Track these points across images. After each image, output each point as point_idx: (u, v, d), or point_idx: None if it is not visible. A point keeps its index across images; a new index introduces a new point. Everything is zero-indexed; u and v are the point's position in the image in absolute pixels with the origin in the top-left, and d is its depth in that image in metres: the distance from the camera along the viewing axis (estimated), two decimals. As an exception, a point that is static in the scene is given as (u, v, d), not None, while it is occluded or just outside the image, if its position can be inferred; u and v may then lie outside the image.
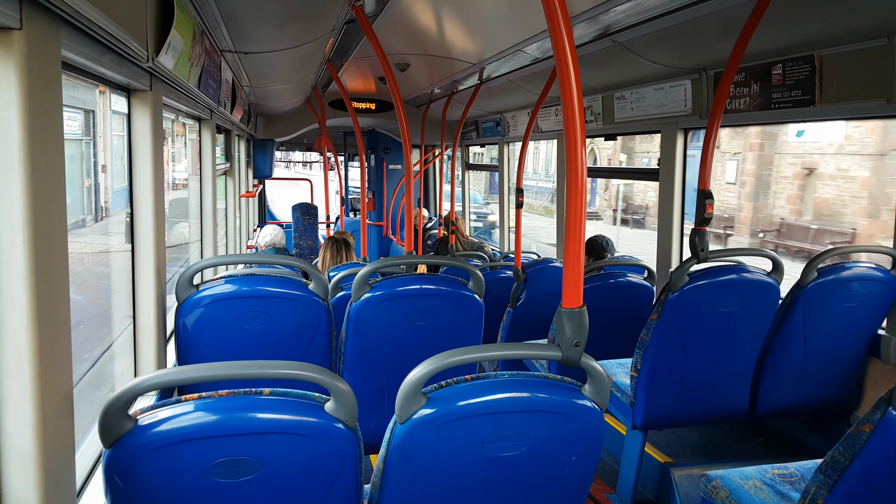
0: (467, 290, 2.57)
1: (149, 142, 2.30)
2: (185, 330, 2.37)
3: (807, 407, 2.95)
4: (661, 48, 3.51)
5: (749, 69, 3.25)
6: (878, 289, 2.73)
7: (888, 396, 1.42)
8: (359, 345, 2.54)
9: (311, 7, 3.03)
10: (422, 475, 1.46)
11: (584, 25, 3.27)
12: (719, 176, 18.59)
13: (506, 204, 7.34)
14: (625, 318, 3.49)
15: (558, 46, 1.45)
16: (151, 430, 1.26)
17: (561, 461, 1.54)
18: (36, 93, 1.22)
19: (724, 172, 18.53)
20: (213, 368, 1.34)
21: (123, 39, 1.67)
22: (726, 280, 2.64)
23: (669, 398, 2.77)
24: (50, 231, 1.28)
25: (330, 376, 1.34)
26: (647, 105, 4.12)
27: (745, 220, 17.69)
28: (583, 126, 1.48)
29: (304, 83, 5.91)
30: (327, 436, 1.33)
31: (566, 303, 1.54)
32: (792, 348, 2.82)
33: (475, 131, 7.79)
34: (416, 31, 4.12)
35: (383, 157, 10.65)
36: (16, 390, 1.23)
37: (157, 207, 2.34)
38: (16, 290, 1.20)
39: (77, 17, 1.36)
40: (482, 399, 1.44)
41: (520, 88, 5.33)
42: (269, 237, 4.99)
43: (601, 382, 1.51)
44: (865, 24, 2.58)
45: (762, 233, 17.15)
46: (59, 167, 1.35)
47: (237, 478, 1.30)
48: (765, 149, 17.29)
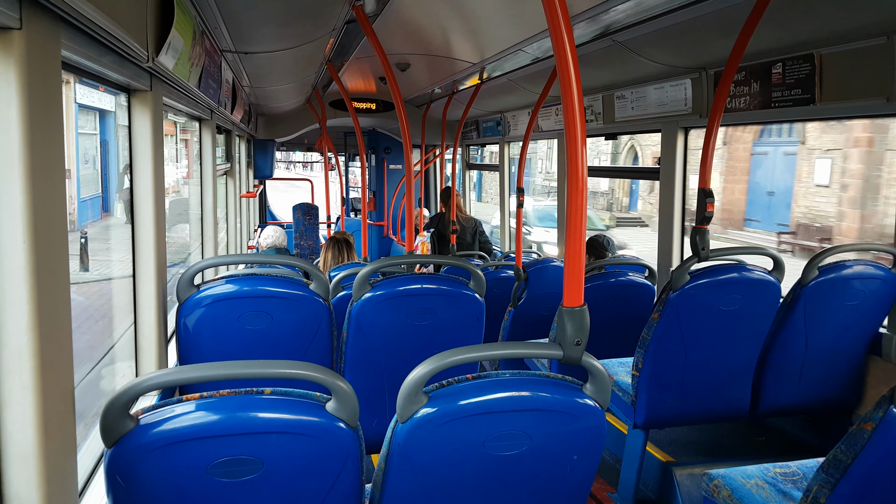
0: (468, 289, 2.57)
1: (149, 142, 2.30)
2: (186, 330, 2.37)
3: (808, 405, 2.95)
4: (662, 47, 3.51)
5: (749, 68, 3.25)
6: (879, 287, 2.73)
7: (890, 395, 1.42)
8: (360, 344, 2.54)
9: (311, 7, 3.03)
10: (423, 474, 1.46)
11: (585, 25, 3.27)
12: (805, 177, 16.00)
13: (506, 203, 7.34)
14: (626, 317, 3.49)
15: (559, 46, 1.45)
16: (153, 429, 1.26)
17: (562, 460, 1.54)
18: (36, 93, 1.22)
19: (812, 173, 15.67)
20: (214, 368, 1.34)
21: (124, 39, 1.67)
22: (727, 279, 2.64)
23: (671, 397, 2.77)
24: (51, 230, 1.29)
25: (331, 376, 1.34)
26: (647, 104, 4.12)
27: (848, 232, 14.23)
28: (583, 125, 1.48)
29: (305, 83, 5.91)
30: (329, 435, 1.33)
31: (567, 302, 1.54)
32: (793, 347, 2.81)
33: (476, 131, 7.79)
34: (417, 31, 4.12)
35: (384, 156, 10.65)
36: (17, 390, 1.23)
37: (157, 207, 2.34)
38: (17, 290, 1.20)
39: (77, 17, 1.36)
40: (483, 398, 1.44)
41: (520, 88, 5.33)
42: (269, 238, 4.99)
43: (602, 381, 1.51)
44: (865, 23, 2.58)
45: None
46: (59, 167, 1.35)
47: (239, 477, 1.31)
48: (874, 144, 13.86)
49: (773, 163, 17.64)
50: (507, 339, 4.16)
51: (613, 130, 4.72)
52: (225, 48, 3.71)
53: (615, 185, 24.61)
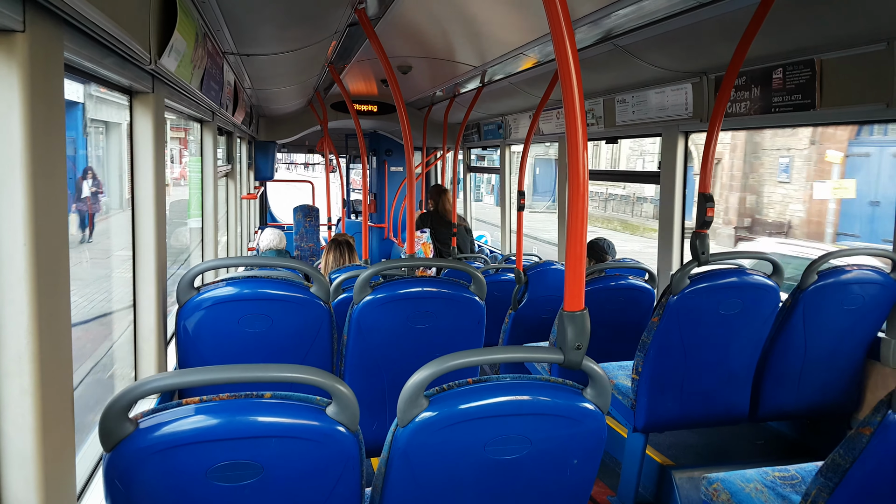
0: (469, 292, 2.57)
1: (150, 144, 2.30)
2: (186, 333, 2.37)
3: (807, 409, 2.95)
4: (663, 52, 3.52)
5: (750, 73, 3.25)
6: (878, 292, 2.73)
7: (888, 399, 1.42)
8: (360, 347, 2.54)
9: (313, 10, 3.04)
10: (423, 478, 1.46)
11: (586, 29, 3.27)
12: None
13: (507, 206, 7.34)
14: (626, 321, 3.49)
15: (560, 50, 1.45)
16: (152, 433, 1.26)
17: (563, 464, 1.54)
18: (38, 95, 1.23)
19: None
20: (213, 372, 1.34)
21: (126, 42, 1.68)
22: (727, 283, 2.64)
23: (670, 401, 2.77)
24: (52, 233, 1.29)
25: (331, 379, 1.34)
26: (648, 108, 4.13)
27: None
28: (584, 129, 1.49)
29: (307, 85, 5.92)
30: (329, 439, 1.33)
31: (568, 306, 1.54)
32: (792, 351, 2.82)
33: (477, 134, 7.80)
34: (418, 34, 4.13)
35: (385, 159, 10.66)
36: (16, 393, 1.23)
37: (158, 210, 2.34)
38: (17, 293, 1.20)
39: (80, 20, 1.37)
40: (484, 402, 1.44)
41: (521, 91, 5.34)
42: (270, 240, 4.99)
43: (603, 385, 1.51)
44: (865, 29, 2.58)
45: None
46: (61, 170, 1.35)
47: (238, 482, 1.30)
48: None
49: (876, 166, 13.94)
50: (507, 342, 4.16)
51: (614, 134, 4.73)
52: (227, 50, 3.72)
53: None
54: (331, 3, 2.96)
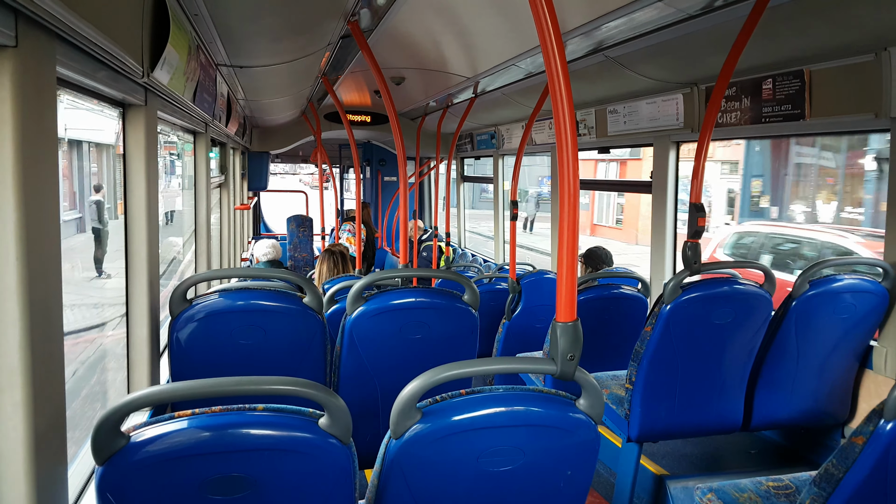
0: (462, 303, 2.57)
1: (143, 157, 2.30)
2: (179, 344, 2.36)
3: (801, 418, 2.96)
4: (654, 63, 3.55)
5: (740, 83, 3.28)
6: (870, 300, 2.75)
7: (880, 409, 1.43)
8: (353, 359, 2.53)
9: (306, 22, 3.05)
10: (417, 490, 1.46)
11: (578, 41, 3.30)
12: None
13: (500, 216, 7.36)
14: (619, 330, 3.50)
15: (549, 62, 1.47)
16: (144, 447, 1.25)
17: (556, 475, 1.54)
18: (31, 109, 1.23)
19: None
20: (206, 385, 1.33)
21: (119, 55, 1.68)
22: (719, 292, 2.65)
23: (664, 410, 2.77)
24: (44, 248, 1.29)
25: (324, 392, 1.34)
26: (639, 119, 4.16)
27: None
28: (574, 139, 1.49)
29: (300, 96, 5.94)
30: (321, 452, 1.33)
31: (560, 317, 1.54)
32: (785, 360, 2.83)
33: (470, 144, 7.83)
34: (411, 46, 4.15)
35: (378, 169, 10.68)
36: (7, 407, 1.22)
37: (150, 222, 2.34)
38: (8, 307, 1.20)
39: (72, 34, 1.37)
40: (477, 414, 1.44)
41: (514, 102, 5.37)
42: (263, 250, 4.99)
43: (596, 396, 1.51)
44: (854, 40, 2.62)
45: None
46: (53, 184, 1.35)
47: (231, 494, 1.30)
48: None
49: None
50: (501, 352, 4.16)
51: (606, 144, 4.76)
52: (220, 62, 3.73)
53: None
54: (324, 16, 2.97)
